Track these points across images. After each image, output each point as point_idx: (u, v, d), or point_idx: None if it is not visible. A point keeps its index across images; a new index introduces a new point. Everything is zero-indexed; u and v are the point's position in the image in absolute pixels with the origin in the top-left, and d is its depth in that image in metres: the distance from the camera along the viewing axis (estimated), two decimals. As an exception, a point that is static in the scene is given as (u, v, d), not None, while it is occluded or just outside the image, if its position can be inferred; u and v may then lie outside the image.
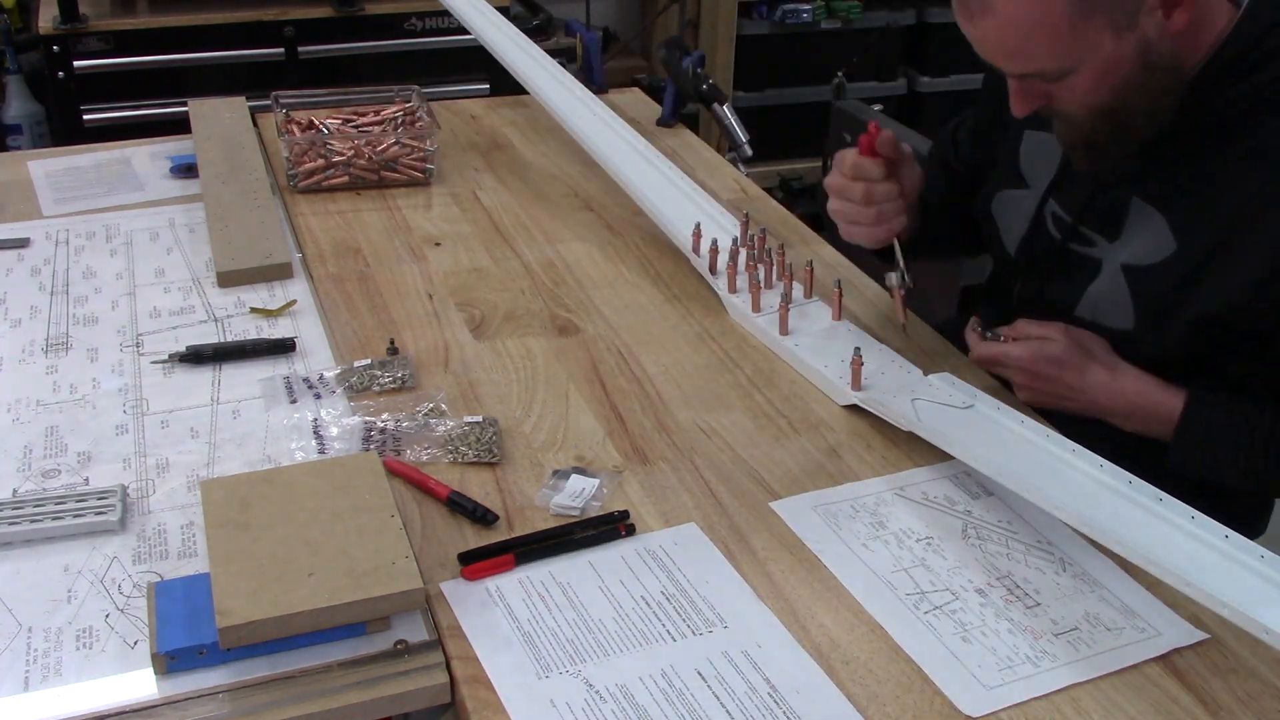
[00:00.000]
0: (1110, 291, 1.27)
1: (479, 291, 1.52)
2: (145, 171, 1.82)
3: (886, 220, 1.34)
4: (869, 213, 1.33)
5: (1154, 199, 1.23)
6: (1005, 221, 1.40)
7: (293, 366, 1.33)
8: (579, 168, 1.88)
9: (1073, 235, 1.31)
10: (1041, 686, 0.95)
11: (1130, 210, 1.25)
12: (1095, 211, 1.28)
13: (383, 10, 2.97)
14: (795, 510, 1.14)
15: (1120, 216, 1.26)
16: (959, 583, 1.06)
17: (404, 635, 0.96)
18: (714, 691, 0.94)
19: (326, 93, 1.95)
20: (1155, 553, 0.99)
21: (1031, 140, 1.36)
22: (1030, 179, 1.36)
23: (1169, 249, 1.21)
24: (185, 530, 1.08)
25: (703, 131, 2.62)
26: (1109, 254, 1.27)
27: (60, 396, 1.27)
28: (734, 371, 1.36)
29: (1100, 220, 1.28)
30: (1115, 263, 1.26)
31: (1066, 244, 1.31)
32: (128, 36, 2.79)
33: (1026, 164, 1.37)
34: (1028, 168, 1.37)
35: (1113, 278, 1.26)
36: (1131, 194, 1.24)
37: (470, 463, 1.18)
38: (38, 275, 1.52)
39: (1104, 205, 1.27)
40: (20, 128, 3.06)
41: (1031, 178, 1.36)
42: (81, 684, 0.92)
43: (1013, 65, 1.15)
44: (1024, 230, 1.37)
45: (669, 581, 1.05)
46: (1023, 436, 1.18)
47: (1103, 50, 1.10)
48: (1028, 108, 1.19)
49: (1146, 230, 1.23)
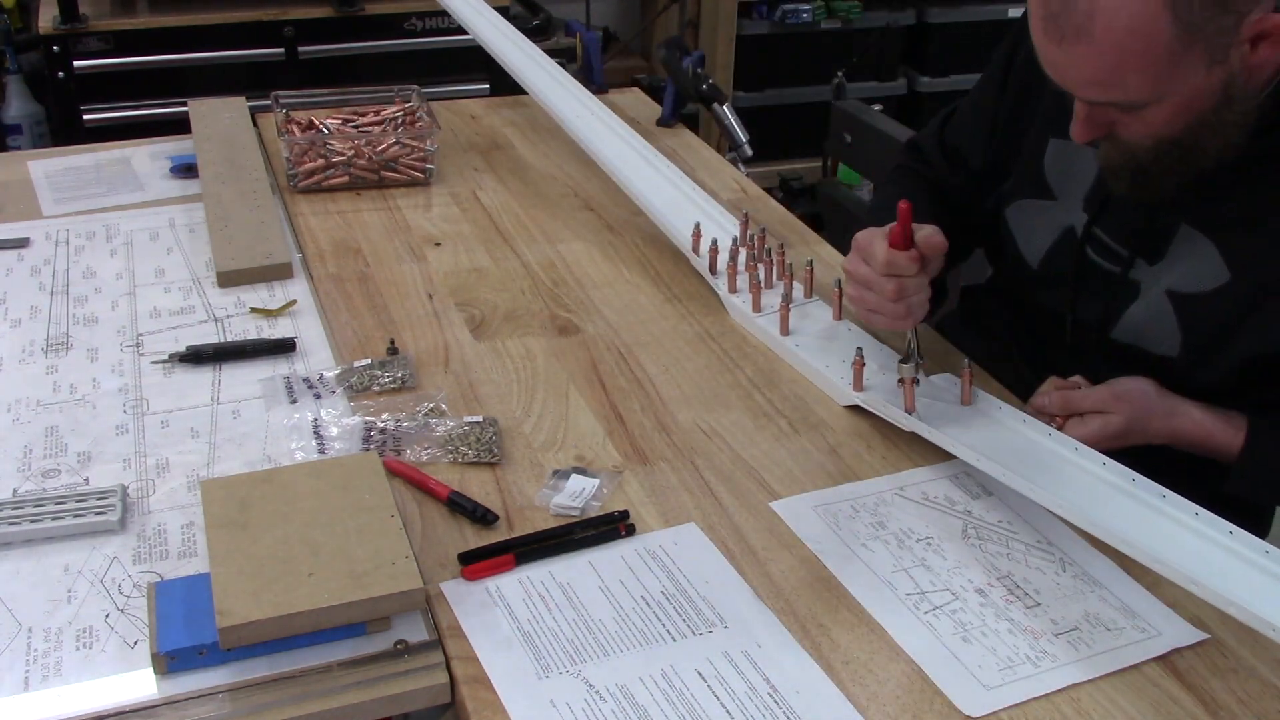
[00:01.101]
0: (1154, 316, 1.23)
1: (479, 291, 1.52)
2: (145, 171, 1.82)
3: (913, 313, 1.23)
4: (898, 308, 1.22)
5: (1204, 226, 1.19)
6: (1025, 231, 1.35)
7: (293, 366, 1.33)
8: (579, 168, 1.88)
9: (1108, 254, 1.26)
10: (1042, 687, 0.95)
11: (1178, 235, 1.20)
12: (1135, 232, 1.24)
13: (383, 10, 2.97)
14: (795, 510, 1.14)
15: (1164, 240, 1.21)
16: (959, 583, 1.06)
17: (404, 635, 0.96)
18: (714, 691, 0.94)
19: (326, 93, 1.95)
20: (1160, 551, 0.99)
21: (1058, 148, 1.30)
22: (1057, 190, 1.31)
23: (1222, 278, 1.18)
24: (185, 530, 1.08)
25: (703, 131, 2.62)
26: (1150, 277, 1.23)
27: (60, 396, 1.27)
28: (734, 371, 1.37)
29: (1141, 241, 1.23)
30: (1159, 287, 1.22)
31: (1099, 261, 1.27)
32: (128, 36, 2.80)
33: (1052, 174, 1.31)
34: (1054, 178, 1.31)
35: (1157, 302, 1.22)
36: (1180, 219, 1.20)
37: (470, 463, 1.18)
38: (38, 275, 1.52)
39: (1146, 228, 1.23)
40: (20, 128, 3.06)
41: (1059, 189, 1.31)
42: (81, 684, 0.92)
43: (1095, 93, 1.07)
44: (1049, 243, 1.32)
45: (669, 581, 1.05)
46: (1024, 435, 1.18)
47: (1193, 83, 1.04)
48: (1093, 134, 1.12)
49: (1194, 257, 1.19)
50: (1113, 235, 1.26)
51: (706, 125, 2.82)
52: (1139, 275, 1.25)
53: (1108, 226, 1.27)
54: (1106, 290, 1.27)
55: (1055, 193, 1.31)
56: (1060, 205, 1.31)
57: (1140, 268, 1.24)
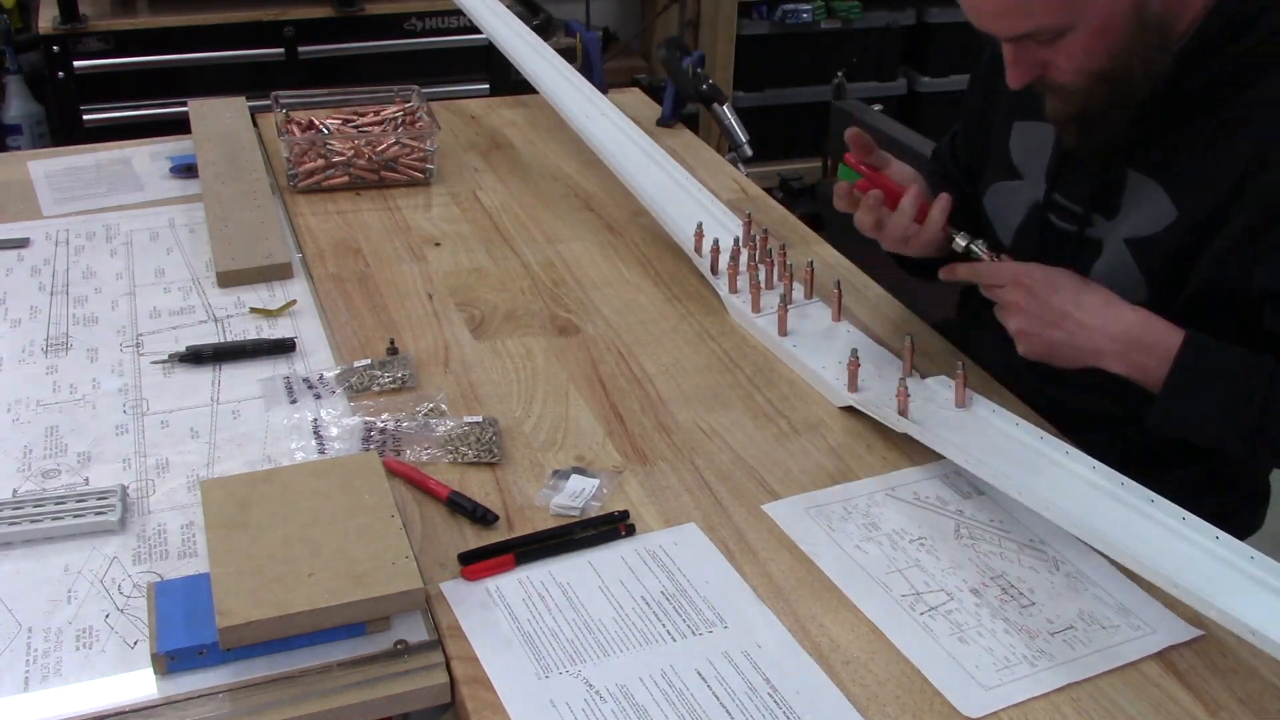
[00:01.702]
0: (1118, 268, 1.25)
1: (479, 291, 1.52)
2: (145, 171, 1.82)
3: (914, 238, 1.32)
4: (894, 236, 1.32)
5: (1150, 169, 1.22)
6: (1000, 212, 1.40)
7: (293, 366, 1.34)
8: (579, 168, 1.88)
9: (1070, 218, 1.30)
10: (1040, 686, 0.95)
11: (1127, 185, 1.24)
12: (1091, 191, 1.27)
13: (383, 10, 2.97)
14: (787, 513, 1.14)
15: (1117, 192, 1.25)
16: (953, 583, 1.06)
17: (404, 635, 0.96)
18: (714, 691, 0.94)
19: (326, 93, 1.95)
20: (1146, 554, 1.00)
21: (1021, 130, 1.35)
22: (1023, 169, 1.36)
23: (1170, 216, 1.20)
24: (185, 530, 1.08)
25: (703, 131, 2.62)
26: (1109, 231, 1.26)
27: (60, 396, 1.27)
28: (734, 372, 1.37)
29: (1097, 199, 1.27)
30: (1118, 239, 1.25)
31: (1065, 227, 1.31)
32: (128, 36, 2.80)
33: (1018, 154, 1.37)
34: (1020, 158, 1.36)
35: (1117, 254, 1.25)
36: (1127, 168, 1.24)
37: (470, 463, 1.18)
38: (38, 275, 1.52)
39: (1100, 183, 1.27)
40: (20, 128, 3.06)
41: (1024, 168, 1.36)
42: (81, 684, 0.92)
43: (1009, 25, 1.13)
44: (1019, 220, 1.36)
45: (669, 581, 1.05)
46: (1017, 439, 1.18)
47: (1099, 4, 1.10)
48: (1025, 76, 1.17)
49: (1146, 201, 1.22)
50: (1071, 198, 1.30)
51: (706, 125, 2.82)
52: (1099, 233, 1.28)
53: (1066, 191, 1.31)
54: (1071, 253, 1.29)
55: (1021, 172, 1.36)
56: (1026, 184, 1.36)
57: (1100, 225, 1.28)
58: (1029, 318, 1.22)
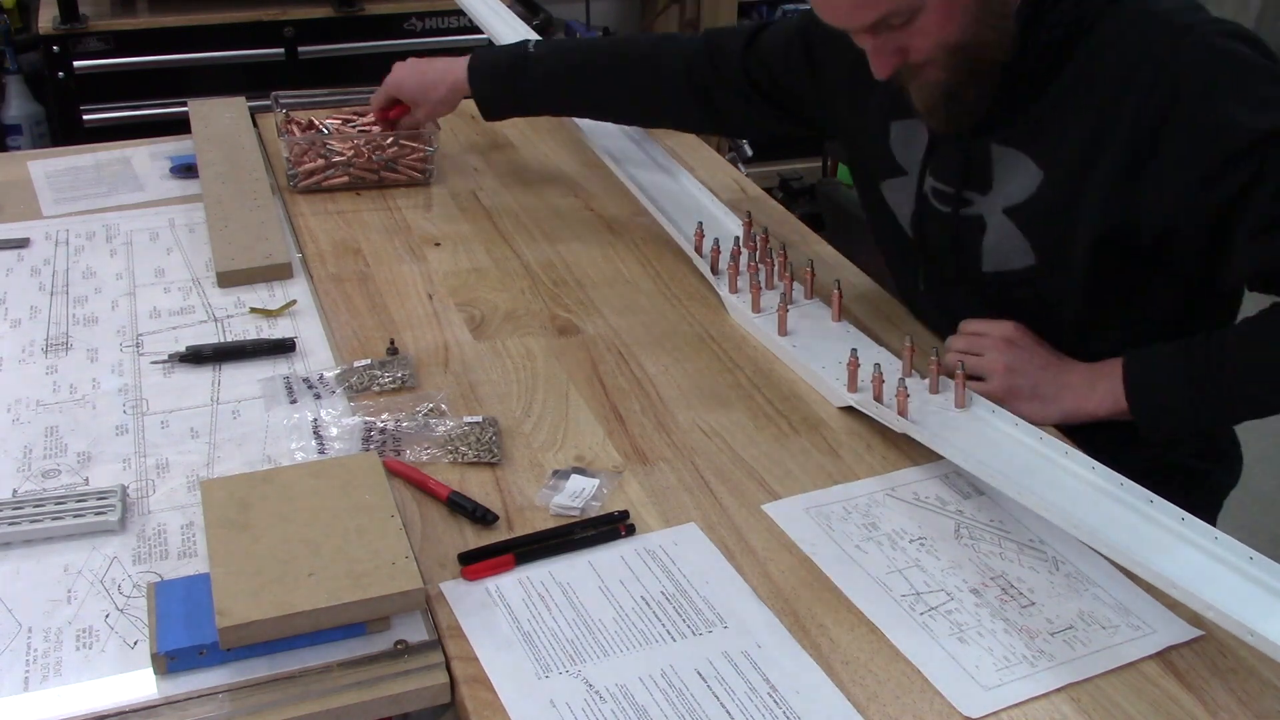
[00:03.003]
0: (1004, 238, 1.31)
1: (479, 291, 1.52)
2: (145, 171, 1.82)
3: None
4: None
5: (1010, 140, 1.28)
6: (897, 207, 1.44)
7: (293, 366, 1.34)
8: (579, 168, 1.88)
9: (951, 201, 1.35)
10: (1039, 686, 0.95)
11: (992, 159, 1.29)
12: (959, 170, 1.32)
13: (383, 10, 2.97)
14: (787, 513, 1.14)
15: (986, 167, 1.30)
16: (953, 583, 1.06)
17: (404, 635, 0.96)
18: (714, 691, 0.94)
19: (326, 93, 1.95)
20: (1145, 555, 1.00)
21: (899, 129, 1.40)
22: (906, 164, 1.40)
23: (1037, 179, 1.26)
24: (185, 530, 1.08)
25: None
26: (988, 205, 1.32)
27: (60, 396, 1.27)
28: (734, 372, 1.37)
29: (970, 178, 1.32)
30: (997, 211, 1.31)
31: (951, 211, 1.35)
32: (128, 36, 2.80)
33: (899, 151, 1.41)
34: (900, 154, 1.41)
35: (1000, 225, 1.31)
36: (989, 142, 1.29)
37: (470, 463, 1.18)
38: (38, 275, 1.52)
39: (966, 162, 1.31)
40: (20, 128, 3.06)
41: (906, 163, 1.40)
42: (81, 684, 0.92)
43: (862, 15, 1.17)
44: (911, 210, 1.41)
45: (669, 581, 1.05)
46: (1016, 439, 1.18)
47: None
48: (888, 66, 1.21)
49: (1013, 170, 1.28)
50: (944, 181, 1.35)
51: (706, 125, 2.81)
52: (980, 209, 1.33)
53: (938, 175, 1.36)
54: (965, 233, 1.35)
55: (905, 168, 1.41)
56: (911, 178, 1.40)
57: (978, 201, 1.33)
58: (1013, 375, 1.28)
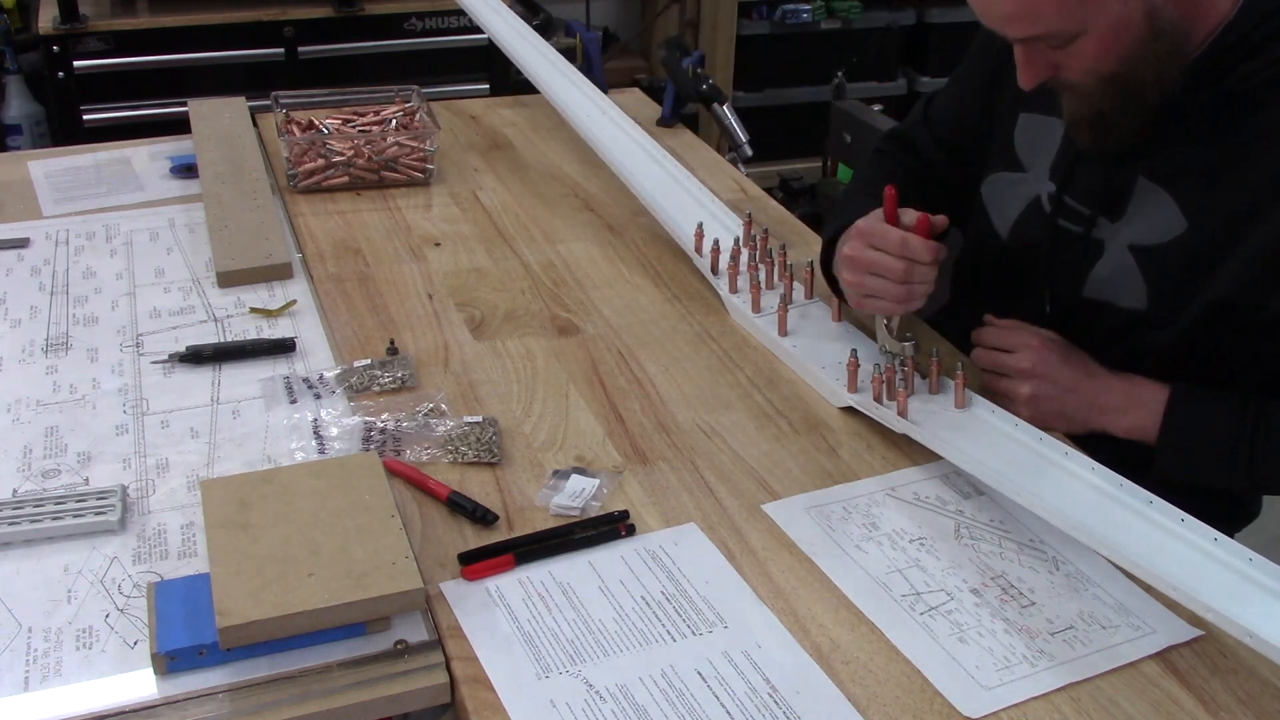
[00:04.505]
0: (1119, 271, 1.26)
1: (479, 291, 1.52)
2: (145, 171, 1.82)
3: (914, 299, 1.25)
4: (900, 290, 1.24)
5: (1160, 178, 1.22)
6: (998, 204, 1.39)
7: (293, 366, 1.33)
8: (579, 168, 1.88)
9: (1072, 216, 1.30)
10: (1039, 686, 0.95)
11: (1136, 190, 1.24)
12: (1097, 191, 1.27)
13: (383, 10, 2.97)
14: (787, 513, 1.14)
15: (1124, 196, 1.25)
16: (953, 583, 1.06)
17: (404, 635, 0.96)
18: (714, 691, 0.94)
19: (326, 93, 1.95)
20: (1144, 556, 1.00)
21: (1027, 122, 1.34)
22: (1026, 162, 1.35)
23: (1179, 228, 1.21)
24: (185, 530, 1.08)
25: (703, 131, 2.61)
26: (1112, 234, 1.26)
27: (60, 396, 1.27)
28: (734, 372, 1.37)
29: (1102, 200, 1.27)
30: (1121, 242, 1.25)
31: (1065, 225, 1.30)
32: (128, 36, 2.80)
33: (1022, 147, 1.36)
34: (1024, 150, 1.35)
35: (1120, 257, 1.25)
36: (1136, 173, 1.23)
37: (470, 463, 1.18)
38: (38, 275, 1.52)
39: (1106, 185, 1.26)
40: (20, 128, 3.06)
41: (1028, 161, 1.35)
42: (81, 684, 0.92)
43: (1019, 28, 1.12)
44: (1018, 212, 1.36)
45: (669, 581, 1.05)
46: (1016, 439, 1.18)
47: (1110, 11, 1.09)
48: (1036, 78, 1.16)
49: (1153, 209, 1.22)
50: (1077, 198, 1.30)
51: (706, 125, 2.81)
52: (1102, 234, 1.28)
53: (1073, 191, 1.30)
54: (1073, 252, 1.30)
55: (1025, 165, 1.36)
56: (1029, 176, 1.35)
57: (1103, 226, 1.28)
58: (1042, 382, 1.26)
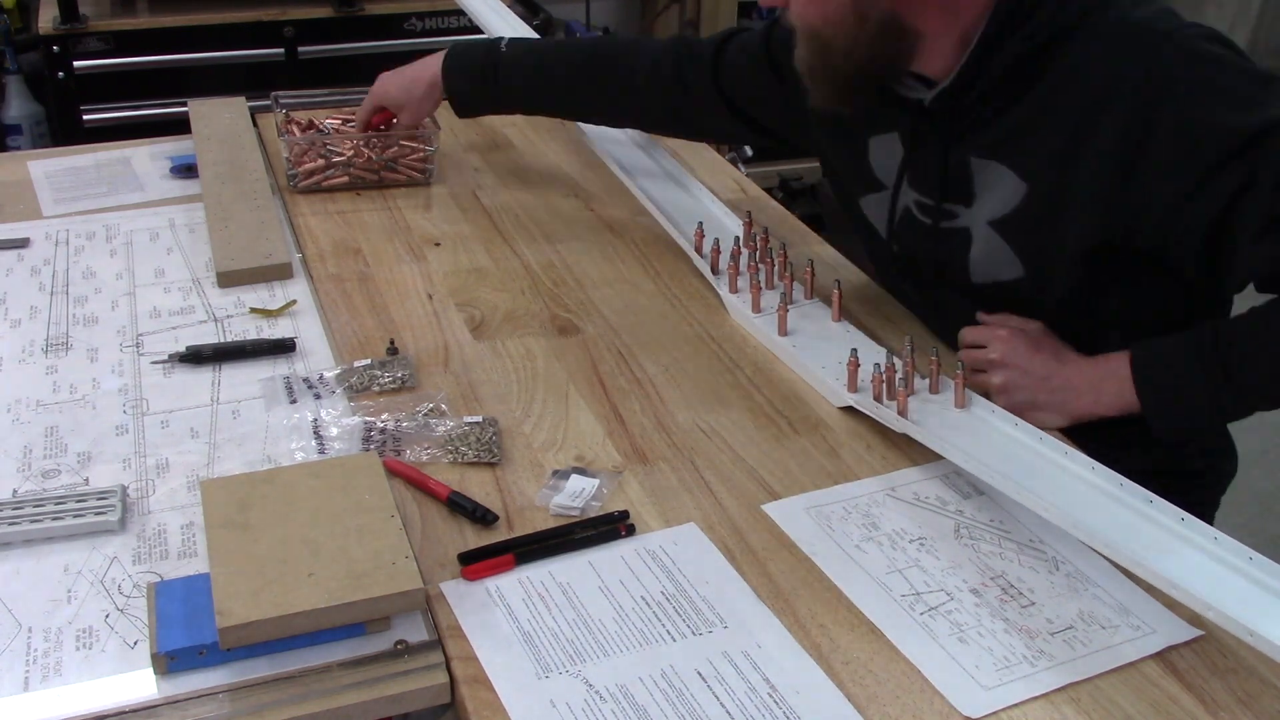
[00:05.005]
0: (991, 250, 1.32)
1: (479, 291, 1.52)
2: (145, 171, 1.82)
3: None
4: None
5: (990, 153, 1.28)
6: (876, 221, 1.45)
7: (293, 366, 1.34)
8: (579, 168, 1.88)
9: (932, 212, 1.35)
10: (1039, 686, 0.95)
11: (973, 171, 1.30)
12: (941, 182, 1.33)
13: (383, 10, 2.97)
14: (787, 513, 1.14)
15: (967, 180, 1.31)
16: (953, 583, 1.06)
17: (404, 635, 0.96)
18: (714, 691, 0.94)
19: (326, 93, 1.95)
20: (1144, 555, 1.00)
21: (877, 144, 1.41)
22: (884, 179, 1.42)
23: (1022, 190, 1.26)
24: (185, 530, 1.08)
25: (702, 131, 2.61)
26: (973, 218, 1.32)
27: (60, 396, 1.27)
28: (734, 372, 1.37)
29: (951, 190, 1.32)
30: (981, 223, 1.31)
31: (932, 223, 1.36)
32: (128, 36, 2.79)
33: (879, 167, 1.42)
34: (881, 170, 1.42)
35: (986, 238, 1.31)
36: (968, 155, 1.29)
37: (470, 463, 1.18)
38: (38, 275, 1.52)
39: (947, 174, 1.32)
40: (20, 128, 3.06)
41: (885, 178, 1.41)
42: (81, 684, 0.92)
43: None
44: (895, 225, 1.42)
45: (669, 582, 1.05)
46: (1016, 439, 1.18)
47: None
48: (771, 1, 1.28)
49: (995, 182, 1.28)
50: (926, 194, 1.36)
51: (706, 125, 2.81)
52: (965, 221, 1.33)
53: (919, 188, 1.36)
54: (950, 246, 1.35)
55: (884, 182, 1.42)
56: (890, 191, 1.41)
57: (963, 214, 1.33)
58: (1012, 371, 1.28)
